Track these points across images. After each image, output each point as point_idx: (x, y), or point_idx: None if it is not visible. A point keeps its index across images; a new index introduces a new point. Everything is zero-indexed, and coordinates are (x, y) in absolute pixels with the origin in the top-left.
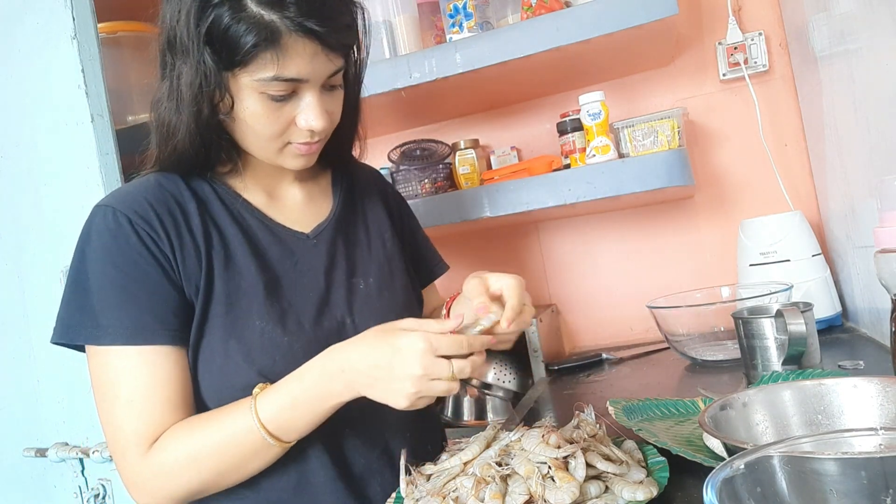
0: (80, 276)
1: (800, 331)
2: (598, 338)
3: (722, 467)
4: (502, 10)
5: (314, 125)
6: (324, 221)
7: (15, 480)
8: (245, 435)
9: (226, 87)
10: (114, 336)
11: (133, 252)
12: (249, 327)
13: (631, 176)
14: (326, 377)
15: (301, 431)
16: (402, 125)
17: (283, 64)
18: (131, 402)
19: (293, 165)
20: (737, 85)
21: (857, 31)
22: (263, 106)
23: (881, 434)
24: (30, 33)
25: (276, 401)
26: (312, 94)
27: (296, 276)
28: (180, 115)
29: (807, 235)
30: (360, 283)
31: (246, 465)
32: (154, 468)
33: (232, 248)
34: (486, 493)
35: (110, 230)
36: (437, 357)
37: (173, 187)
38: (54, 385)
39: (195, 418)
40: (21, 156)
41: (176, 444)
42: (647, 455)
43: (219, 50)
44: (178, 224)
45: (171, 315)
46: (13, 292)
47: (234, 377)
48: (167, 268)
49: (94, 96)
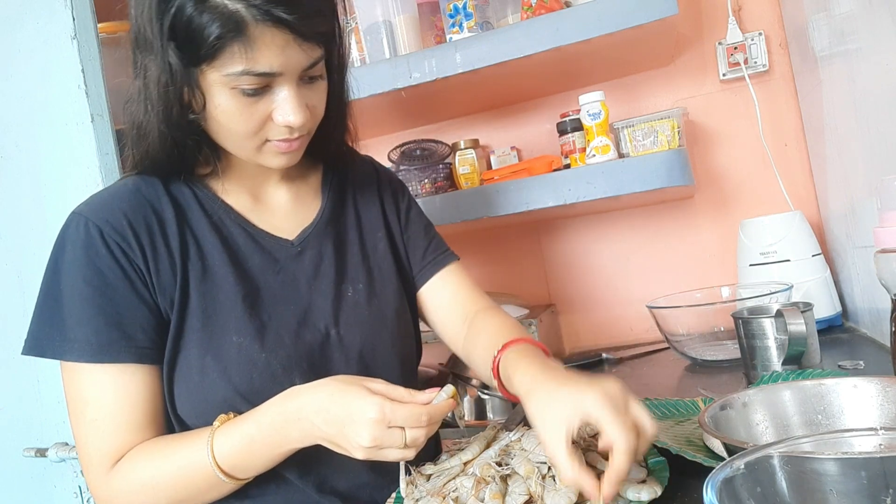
0: (52, 287)
1: (800, 331)
2: (598, 338)
3: (722, 467)
4: (502, 10)
5: (291, 120)
6: (309, 226)
7: (15, 480)
8: (199, 469)
9: (195, 84)
10: (80, 352)
11: (103, 265)
12: (226, 343)
13: (631, 176)
14: (282, 422)
15: (256, 471)
16: (402, 125)
17: (251, 57)
18: (95, 421)
19: (275, 164)
20: (737, 85)
21: (857, 31)
22: (236, 102)
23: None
24: (30, 33)
25: (231, 440)
26: (289, 88)
27: (277, 286)
28: (149, 115)
29: (807, 235)
30: (349, 290)
31: (201, 496)
32: (114, 489)
33: (210, 259)
34: (486, 493)
35: (82, 241)
36: (391, 428)
37: (151, 193)
38: (54, 385)
39: (156, 442)
40: (21, 156)
41: (135, 469)
42: (647, 455)
43: (183, 45)
44: (154, 234)
45: (140, 332)
46: (13, 292)
47: (211, 394)
48: (138, 282)
49: (94, 96)
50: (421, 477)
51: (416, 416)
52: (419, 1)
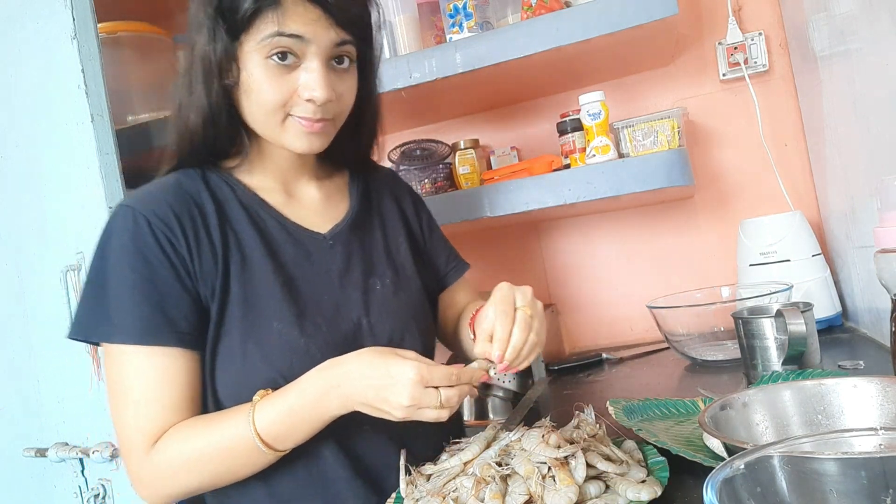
0: (99, 274)
1: (800, 331)
2: (598, 338)
3: (722, 467)
4: (502, 10)
5: (316, 95)
6: (340, 222)
7: (15, 480)
8: (241, 441)
9: (233, 57)
10: (125, 335)
11: (150, 254)
12: (267, 329)
13: (631, 176)
14: (324, 390)
15: (295, 441)
16: (402, 125)
17: (283, 21)
18: (137, 402)
19: (297, 146)
20: (737, 85)
21: (857, 31)
22: (267, 72)
23: (881, 434)
24: (30, 33)
25: (274, 411)
26: (316, 62)
27: (311, 276)
28: (191, 91)
29: (807, 235)
30: (377, 284)
31: (239, 469)
32: (154, 467)
33: (248, 250)
34: (486, 493)
35: (129, 231)
36: (427, 388)
37: (192, 188)
38: (54, 385)
39: (196, 420)
40: (21, 156)
41: (175, 446)
42: (647, 455)
43: (227, 15)
44: (197, 226)
45: (182, 318)
46: (13, 292)
47: (253, 378)
48: (182, 271)
49: (94, 96)
50: (421, 477)
51: (449, 376)
52: (419, 1)
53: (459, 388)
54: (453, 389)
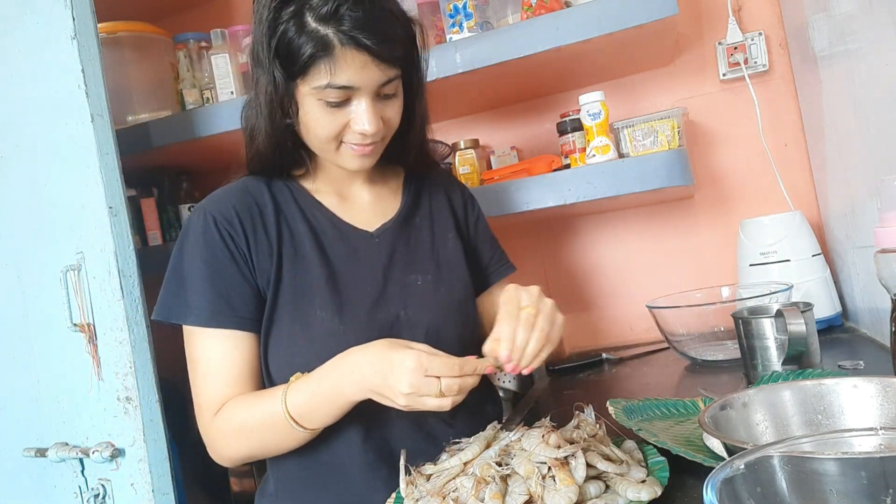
0: (178, 265)
1: (800, 331)
2: (598, 338)
3: (722, 467)
4: (502, 10)
5: (366, 129)
6: (388, 221)
7: (15, 480)
8: (278, 418)
9: (291, 95)
10: (196, 318)
11: (216, 248)
12: (312, 316)
13: (631, 176)
14: (339, 377)
15: (322, 421)
16: None
17: (335, 73)
18: (204, 375)
19: (351, 166)
20: (737, 85)
21: (857, 31)
22: (321, 111)
23: (881, 434)
24: (30, 33)
25: (300, 393)
26: (365, 101)
27: (356, 271)
28: (259, 119)
29: (807, 235)
30: (418, 280)
31: (282, 442)
32: (216, 432)
33: (300, 246)
34: (486, 493)
35: (201, 229)
36: (427, 377)
37: (256, 191)
38: (54, 385)
39: (248, 396)
40: (21, 156)
41: (231, 416)
42: (647, 455)
43: (284, 61)
44: (256, 224)
45: (241, 304)
46: (13, 292)
47: (298, 358)
48: (242, 264)
49: (94, 96)
50: (421, 477)
51: (450, 366)
52: (419, 1)
53: (461, 378)
54: (454, 379)
